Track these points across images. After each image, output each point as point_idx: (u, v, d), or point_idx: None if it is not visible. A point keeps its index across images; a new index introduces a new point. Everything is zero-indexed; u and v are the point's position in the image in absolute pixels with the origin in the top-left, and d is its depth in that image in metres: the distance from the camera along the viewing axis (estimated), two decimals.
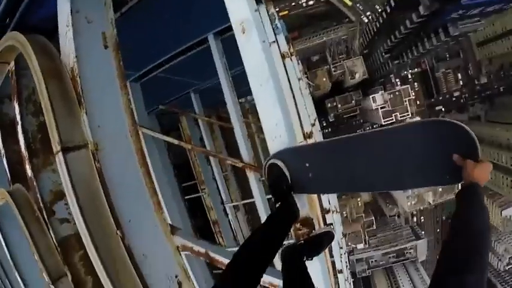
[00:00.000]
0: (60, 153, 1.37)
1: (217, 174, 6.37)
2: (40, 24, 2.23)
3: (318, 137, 7.91)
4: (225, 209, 6.64)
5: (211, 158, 6.77)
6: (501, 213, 34.63)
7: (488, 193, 35.65)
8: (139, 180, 1.84)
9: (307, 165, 1.41)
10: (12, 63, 1.98)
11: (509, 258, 37.33)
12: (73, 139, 1.47)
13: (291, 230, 1.44)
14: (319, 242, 1.47)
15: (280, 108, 1.50)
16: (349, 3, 35.54)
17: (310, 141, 4.58)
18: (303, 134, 4.37)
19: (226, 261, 1.63)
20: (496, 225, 36.22)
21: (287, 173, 1.44)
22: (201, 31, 4.05)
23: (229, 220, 6.47)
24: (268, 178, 1.49)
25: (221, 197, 6.97)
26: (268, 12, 3.85)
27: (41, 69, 1.47)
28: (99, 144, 1.58)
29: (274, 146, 1.48)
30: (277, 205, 1.37)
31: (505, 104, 36.66)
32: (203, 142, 7.02)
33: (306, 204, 1.50)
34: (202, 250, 1.85)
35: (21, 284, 2.28)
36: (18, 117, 1.96)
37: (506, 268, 38.23)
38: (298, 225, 1.47)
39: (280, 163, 1.44)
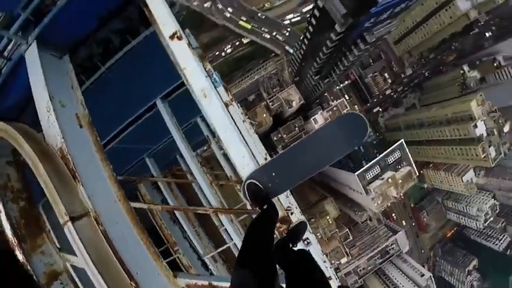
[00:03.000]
0: (70, 223, 1.58)
1: (188, 230, 6.38)
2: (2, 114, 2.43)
3: None
4: (203, 263, 6.55)
5: (178, 216, 6.77)
6: (462, 179, 37.51)
7: (443, 168, 39.36)
8: (135, 237, 2.05)
9: (273, 174, 1.93)
10: None
11: (484, 215, 40.08)
12: (75, 209, 1.68)
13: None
14: (297, 231, 1.94)
15: (243, 145, 1.98)
16: (249, 27, 38.77)
17: None
18: None
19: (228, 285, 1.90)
20: (461, 192, 39.25)
21: (261, 186, 1.89)
22: (148, 98, 4.42)
23: (210, 272, 6.37)
24: (248, 194, 1.90)
25: (197, 253, 6.90)
26: (205, 69, 4.42)
27: (33, 153, 1.70)
28: (97, 210, 1.81)
29: (245, 172, 1.90)
30: (264, 207, 1.76)
31: (433, 86, 41.92)
32: (165, 203, 7.02)
33: (279, 207, 1.95)
34: (206, 283, 2.06)
35: None
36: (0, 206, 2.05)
37: (485, 224, 40.93)
38: (278, 224, 1.89)
39: (253, 180, 1.91)
